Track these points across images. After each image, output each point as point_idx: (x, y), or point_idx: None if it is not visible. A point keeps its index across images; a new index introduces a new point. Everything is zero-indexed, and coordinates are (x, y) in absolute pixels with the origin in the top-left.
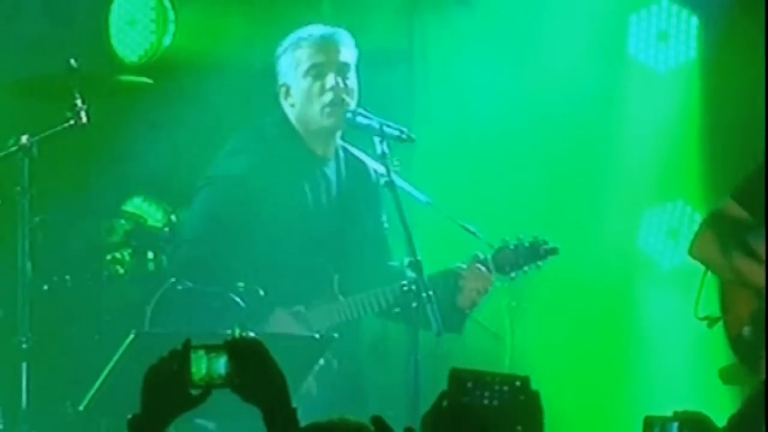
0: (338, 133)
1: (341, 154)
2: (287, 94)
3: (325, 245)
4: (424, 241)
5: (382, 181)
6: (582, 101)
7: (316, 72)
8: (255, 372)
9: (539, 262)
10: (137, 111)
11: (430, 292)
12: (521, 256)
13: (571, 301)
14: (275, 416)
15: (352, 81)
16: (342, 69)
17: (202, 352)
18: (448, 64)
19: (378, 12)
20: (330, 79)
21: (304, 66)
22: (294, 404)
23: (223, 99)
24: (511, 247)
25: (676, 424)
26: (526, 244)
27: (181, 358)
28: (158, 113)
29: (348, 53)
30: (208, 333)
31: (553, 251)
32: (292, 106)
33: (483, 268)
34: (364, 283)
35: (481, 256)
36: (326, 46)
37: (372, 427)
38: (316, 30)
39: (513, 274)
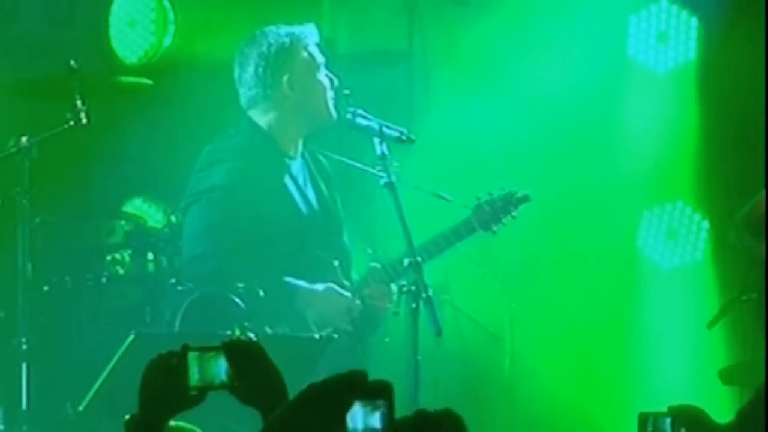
0: None
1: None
2: (291, 87)
3: (317, 236)
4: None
5: (382, 181)
6: (581, 102)
7: (324, 69)
8: (253, 374)
9: (514, 213)
10: (137, 112)
11: (430, 293)
12: (497, 210)
13: (571, 302)
14: None
15: None
16: None
17: (200, 355)
18: (448, 64)
19: (378, 11)
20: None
21: (318, 62)
22: None
23: (223, 99)
24: (486, 205)
25: (668, 420)
26: (500, 198)
27: (178, 357)
28: (158, 114)
29: None
30: (208, 334)
31: (525, 198)
32: (293, 97)
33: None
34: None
35: (378, 267)
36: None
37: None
38: (313, 28)
39: (495, 228)
